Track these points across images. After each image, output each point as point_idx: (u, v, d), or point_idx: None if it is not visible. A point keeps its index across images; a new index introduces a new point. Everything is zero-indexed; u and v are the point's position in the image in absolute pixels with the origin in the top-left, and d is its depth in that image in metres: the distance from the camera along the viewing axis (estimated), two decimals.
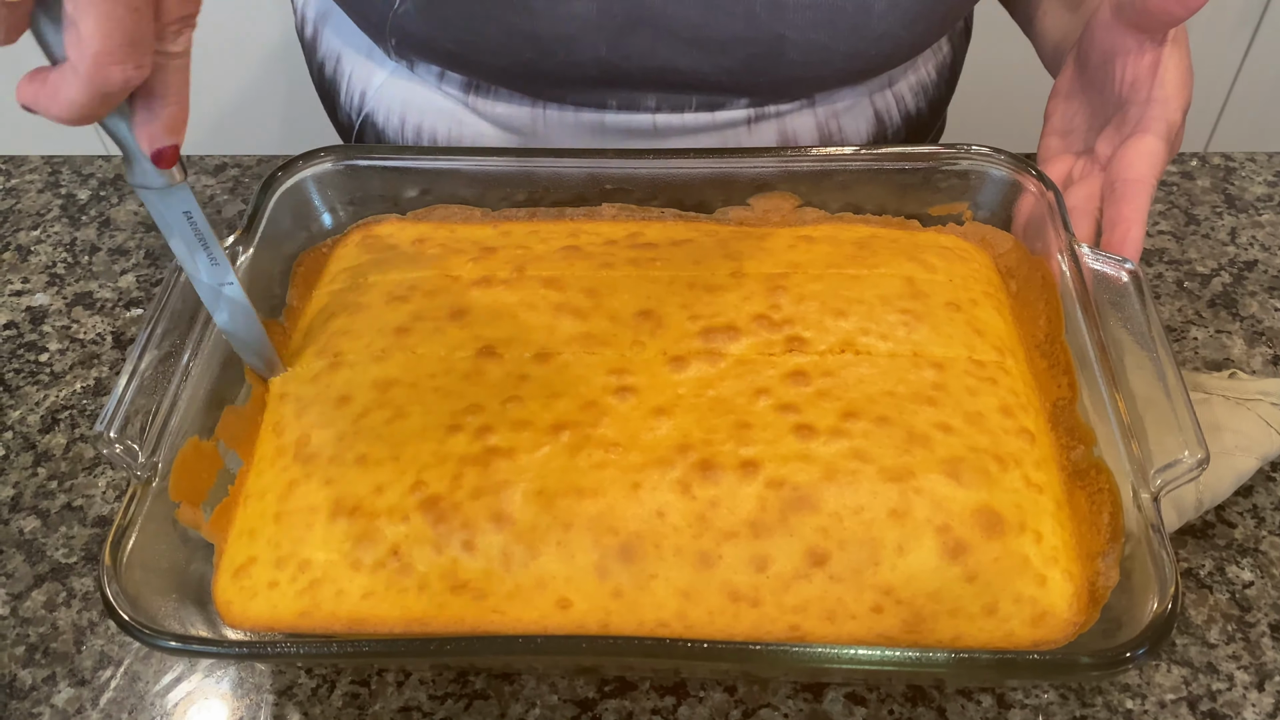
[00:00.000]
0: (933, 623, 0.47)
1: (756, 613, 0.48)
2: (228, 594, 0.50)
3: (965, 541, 0.48)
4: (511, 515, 0.49)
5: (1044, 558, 0.48)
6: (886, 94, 0.77)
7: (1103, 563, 0.48)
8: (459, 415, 0.53)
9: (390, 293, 0.60)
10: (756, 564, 0.48)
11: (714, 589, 0.48)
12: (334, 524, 0.50)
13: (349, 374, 0.56)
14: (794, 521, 0.48)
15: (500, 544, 0.49)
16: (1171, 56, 0.59)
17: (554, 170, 0.66)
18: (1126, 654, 0.43)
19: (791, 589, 0.48)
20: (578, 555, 0.49)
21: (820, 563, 0.48)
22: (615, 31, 0.66)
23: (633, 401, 0.54)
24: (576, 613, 0.48)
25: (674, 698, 0.52)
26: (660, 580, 0.48)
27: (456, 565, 0.49)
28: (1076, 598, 0.48)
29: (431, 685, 0.53)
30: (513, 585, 0.49)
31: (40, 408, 0.66)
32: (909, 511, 0.48)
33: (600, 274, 0.61)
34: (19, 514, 0.60)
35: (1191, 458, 0.47)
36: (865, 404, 0.52)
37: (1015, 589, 0.47)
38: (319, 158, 0.64)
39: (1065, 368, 0.55)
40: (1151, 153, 0.57)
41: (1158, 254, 0.71)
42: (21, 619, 0.56)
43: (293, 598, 0.49)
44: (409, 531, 0.49)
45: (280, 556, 0.50)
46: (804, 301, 0.58)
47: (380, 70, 0.78)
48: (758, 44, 0.67)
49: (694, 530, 0.49)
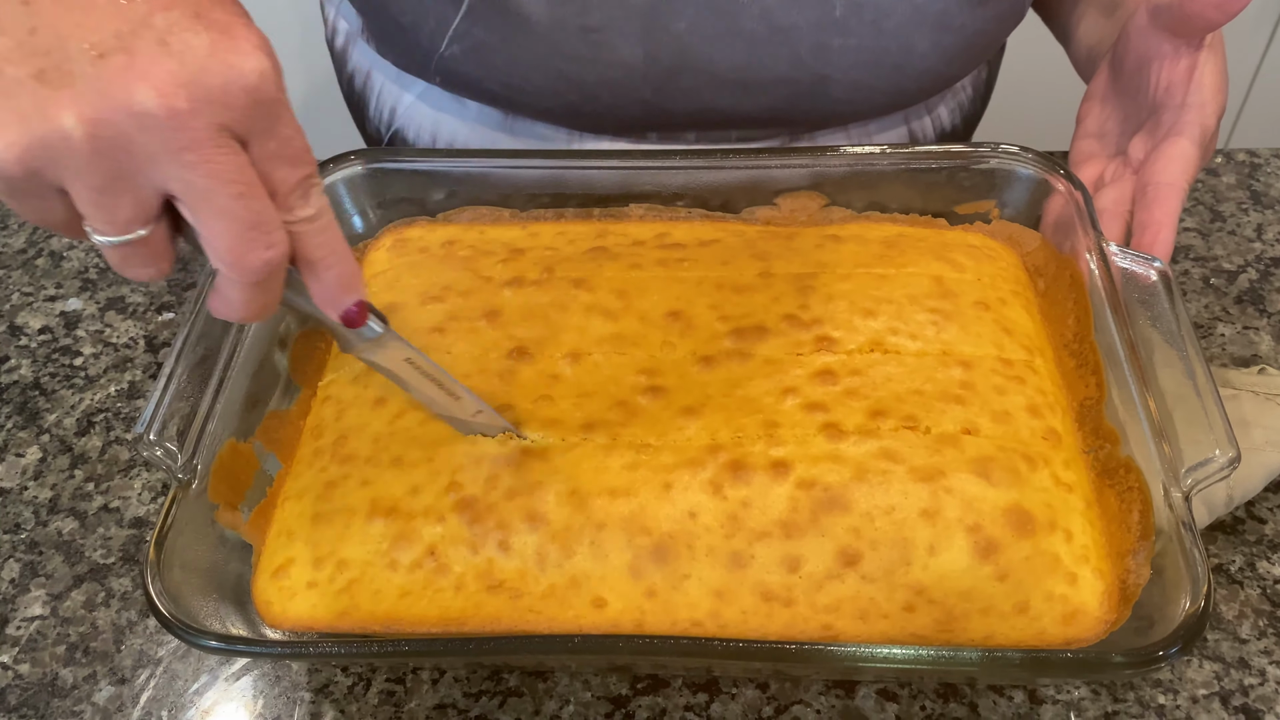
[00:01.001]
0: (964, 621, 0.48)
1: (789, 612, 0.48)
2: (267, 594, 0.51)
3: (996, 541, 0.48)
4: (545, 515, 0.50)
5: (1074, 556, 0.48)
6: (924, 118, 0.77)
7: (1133, 561, 0.49)
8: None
9: (425, 293, 0.61)
10: (789, 564, 0.48)
11: (747, 589, 0.48)
12: (371, 524, 0.51)
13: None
14: (825, 522, 0.49)
15: (535, 544, 0.49)
16: (1208, 62, 0.59)
17: (582, 173, 0.66)
18: (1159, 652, 0.43)
19: (824, 589, 0.48)
20: (611, 555, 0.49)
21: (852, 563, 0.48)
22: (661, 77, 0.66)
23: (662, 401, 0.54)
24: (612, 612, 0.49)
25: (706, 694, 0.53)
26: (694, 580, 0.49)
27: (492, 565, 0.49)
28: (1108, 596, 0.48)
29: (466, 683, 0.54)
30: (548, 585, 0.49)
31: (76, 411, 0.66)
32: (940, 511, 0.49)
33: (629, 275, 0.61)
34: (57, 515, 0.61)
35: (1223, 456, 0.47)
36: (894, 403, 0.53)
37: (1046, 587, 0.48)
38: (349, 161, 0.65)
39: (1094, 367, 0.55)
40: (1184, 157, 0.57)
41: (1184, 251, 0.71)
42: (62, 619, 0.57)
43: (331, 597, 0.50)
44: (445, 532, 0.50)
45: (318, 556, 0.51)
46: (832, 301, 0.58)
47: (413, 87, 0.78)
48: (801, 84, 0.67)
49: (726, 530, 0.49)
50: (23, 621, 0.57)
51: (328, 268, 0.42)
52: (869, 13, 0.64)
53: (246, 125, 0.38)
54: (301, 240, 0.41)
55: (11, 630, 0.56)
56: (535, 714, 0.53)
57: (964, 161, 0.63)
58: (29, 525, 0.61)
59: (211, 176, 0.37)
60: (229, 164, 0.37)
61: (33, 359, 0.70)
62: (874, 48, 0.65)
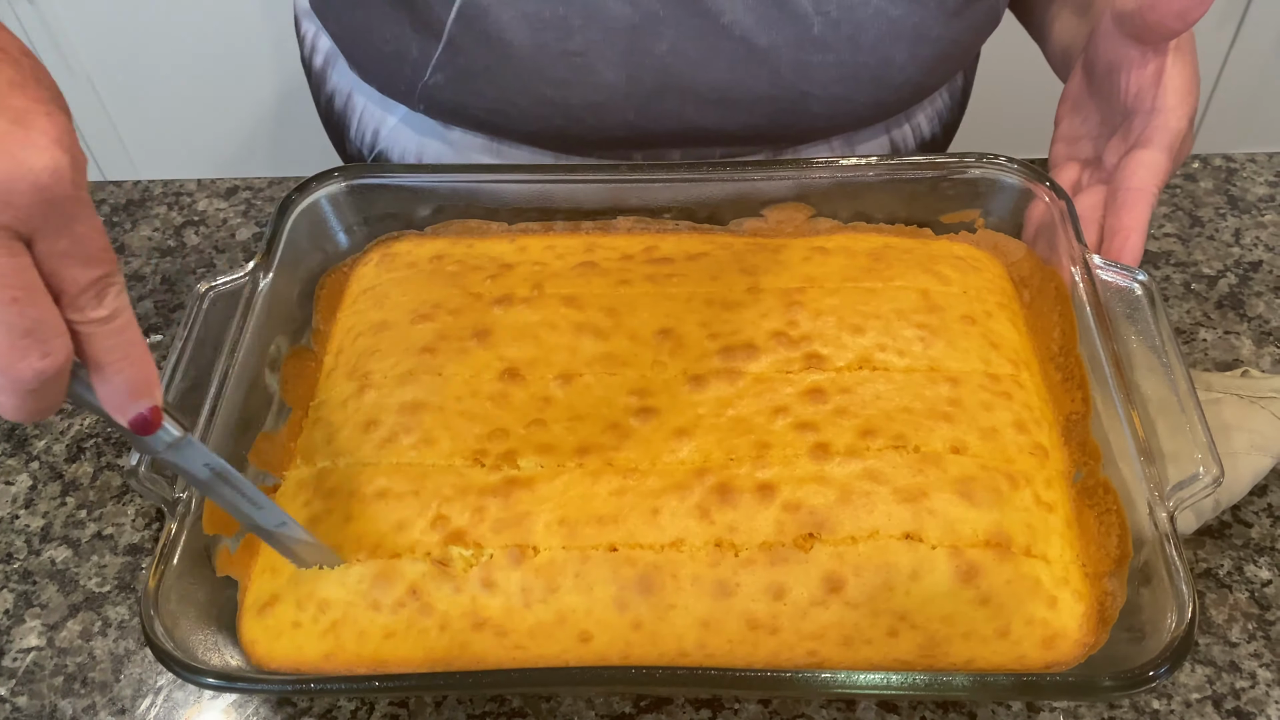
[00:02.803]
0: (947, 646, 0.48)
1: (775, 640, 0.49)
2: (253, 633, 0.51)
3: (977, 564, 0.48)
4: (533, 546, 0.50)
5: (1055, 579, 0.49)
6: (904, 127, 0.77)
7: (1111, 582, 0.49)
8: (483, 440, 0.54)
9: (415, 310, 0.61)
10: (774, 592, 0.49)
11: (733, 618, 0.49)
12: (350, 566, 0.51)
13: (375, 396, 0.57)
14: (810, 547, 0.49)
15: (519, 580, 0.49)
16: (1175, 65, 0.59)
17: (569, 187, 0.66)
18: (1150, 673, 0.43)
19: (809, 616, 0.48)
20: (596, 588, 0.49)
21: (837, 589, 0.48)
22: (644, 98, 0.67)
23: (654, 423, 0.54)
24: (598, 645, 0.49)
25: (709, 711, 0.53)
26: (679, 610, 0.49)
27: (476, 603, 0.49)
28: (1086, 618, 0.49)
29: (470, 704, 0.54)
30: (534, 621, 0.49)
31: (65, 436, 0.66)
32: (922, 534, 0.49)
33: (619, 291, 0.61)
34: (50, 544, 0.61)
35: (1207, 475, 0.48)
36: (883, 421, 0.53)
37: (1027, 611, 0.48)
38: (333, 178, 0.65)
39: (1079, 381, 0.56)
40: (1152, 164, 0.58)
41: (1164, 256, 0.72)
42: (58, 649, 0.57)
43: (316, 638, 0.50)
44: (427, 570, 0.50)
45: (300, 597, 0.51)
46: (821, 317, 0.58)
47: (396, 110, 0.77)
48: (782, 101, 0.67)
49: (711, 559, 0.49)
50: (19, 653, 0.56)
51: (117, 371, 0.39)
52: (846, 29, 0.64)
53: (32, 224, 0.35)
54: (90, 341, 0.38)
55: (7, 662, 0.56)
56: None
57: (948, 171, 0.64)
58: (21, 554, 0.60)
59: None
60: (3, 266, 0.35)
61: None
62: (853, 63, 0.66)
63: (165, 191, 0.82)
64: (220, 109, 1.93)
